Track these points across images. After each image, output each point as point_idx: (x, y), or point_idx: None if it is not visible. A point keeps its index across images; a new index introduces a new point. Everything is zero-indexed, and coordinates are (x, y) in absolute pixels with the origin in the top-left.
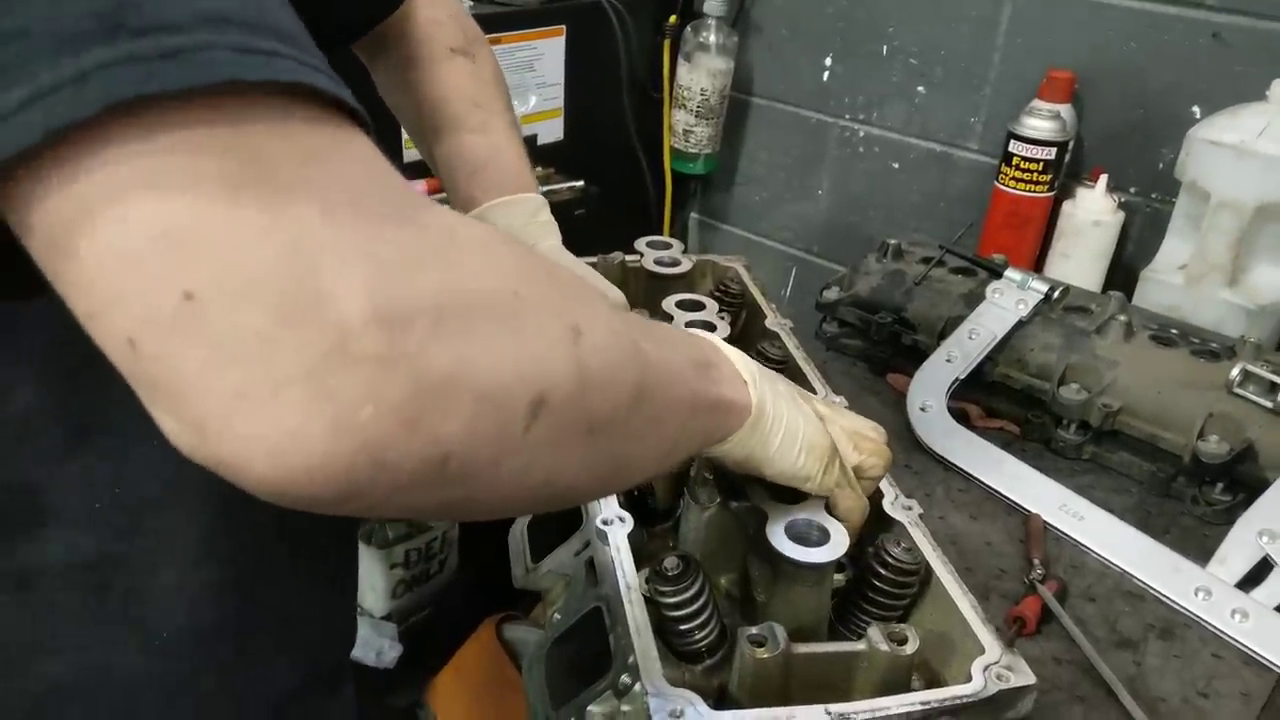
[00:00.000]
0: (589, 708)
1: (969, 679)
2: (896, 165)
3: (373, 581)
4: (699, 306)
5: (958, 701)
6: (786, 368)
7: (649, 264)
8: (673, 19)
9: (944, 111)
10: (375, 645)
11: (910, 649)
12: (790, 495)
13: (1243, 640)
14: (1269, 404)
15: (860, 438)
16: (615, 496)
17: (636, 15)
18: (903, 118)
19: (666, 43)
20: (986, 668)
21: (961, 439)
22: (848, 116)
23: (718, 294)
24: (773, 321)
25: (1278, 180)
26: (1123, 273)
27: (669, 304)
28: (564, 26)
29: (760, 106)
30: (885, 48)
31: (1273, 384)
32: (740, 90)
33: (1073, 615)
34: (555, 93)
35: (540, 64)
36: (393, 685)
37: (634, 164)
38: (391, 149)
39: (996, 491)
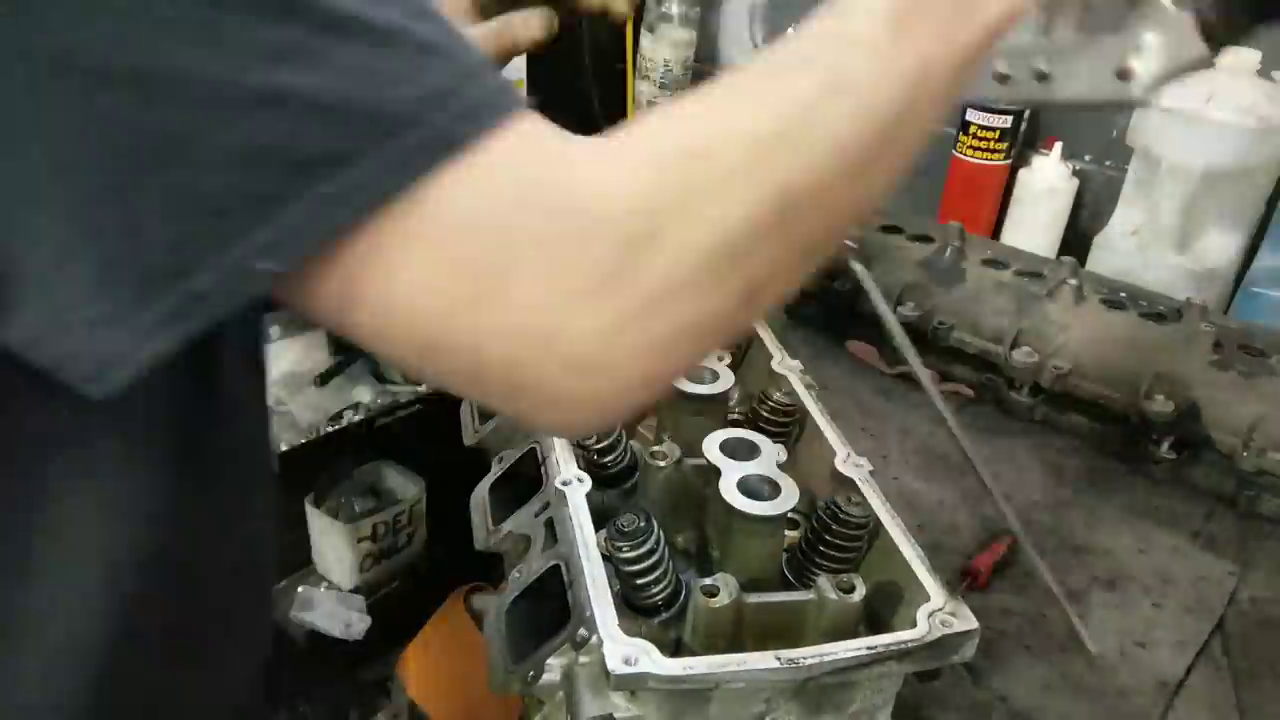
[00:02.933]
0: (547, 660)
1: (914, 625)
2: None
3: (340, 555)
4: None
5: (903, 646)
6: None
7: None
8: None
9: None
10: (344, 618)
11: (857, 597)
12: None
13: None
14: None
15: None
16: (574, 458)
17: None
18: None
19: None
20: (931, 614)
21: None
22: None
23: None
24: None
25: (1225, 146)
26: (1078, 239)
27: None
28: None
29: None
30: None
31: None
32: (704, 61)
33: (1023, 570)
34: (517, 64)
35: None
36: (362, 658)
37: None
38: None
39: None
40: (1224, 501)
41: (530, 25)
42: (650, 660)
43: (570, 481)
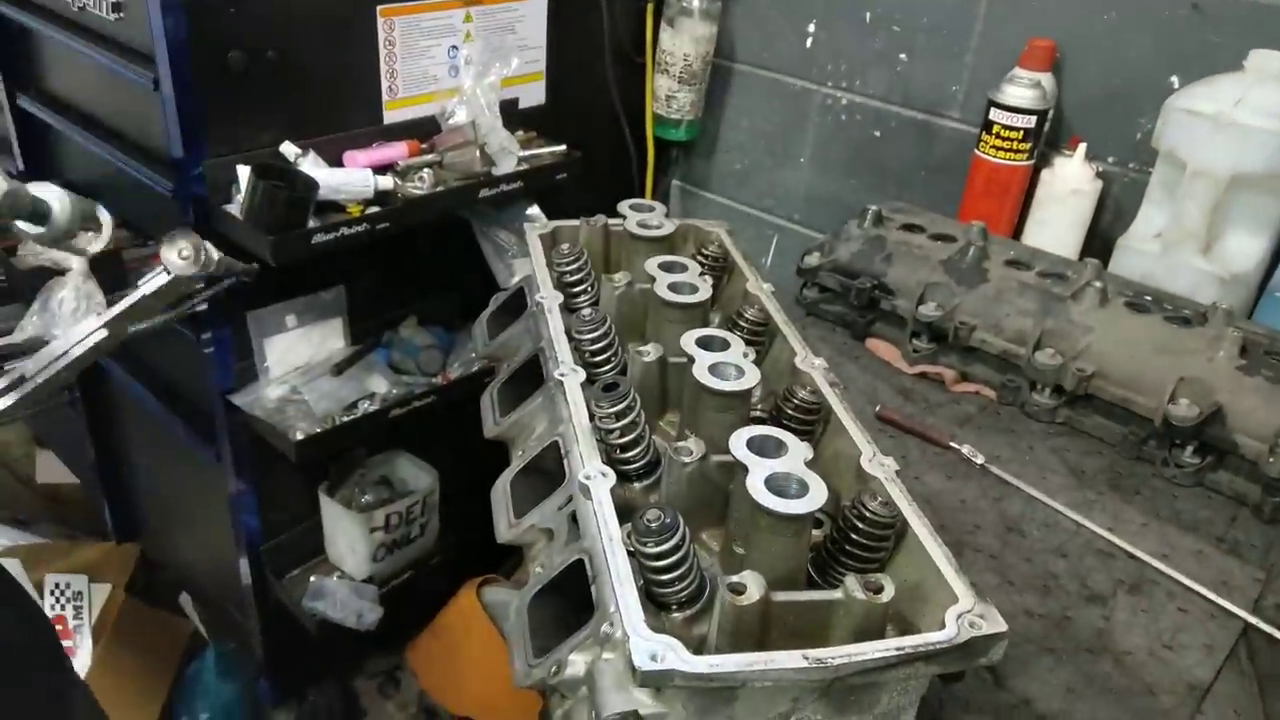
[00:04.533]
0: (570, 656)
1: (942, 627)
2: (878, 133)
3: (353, 545)
4: (681, 269)
5: (932, 648)
6: (766, 329)
7: (632, 226)
8: None
9: (926, 79)
10: (356, 608)
11: (886, 597)
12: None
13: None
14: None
15: None
16: (598, 452)
17: None
18: (885, 85)
19: (650, 7)
20: (960, 615)
21: None
22: (830, 84)
23: (699, 258)
24: (754, 285)
25: (1253, 150)
26: (1099, 241)
27: (651, 266)
28: None
29: (743, 73)
30: (868, 14)
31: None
32: (723, 56)
33: (1043, 570)
34: (537, 55)
35: (522, 26)
36: (373, 648)
37: (616, 129)
38: (372, 110)
39: None
40: (1248, 507)
41: None
42: (677, 657)
43: (594, 476)
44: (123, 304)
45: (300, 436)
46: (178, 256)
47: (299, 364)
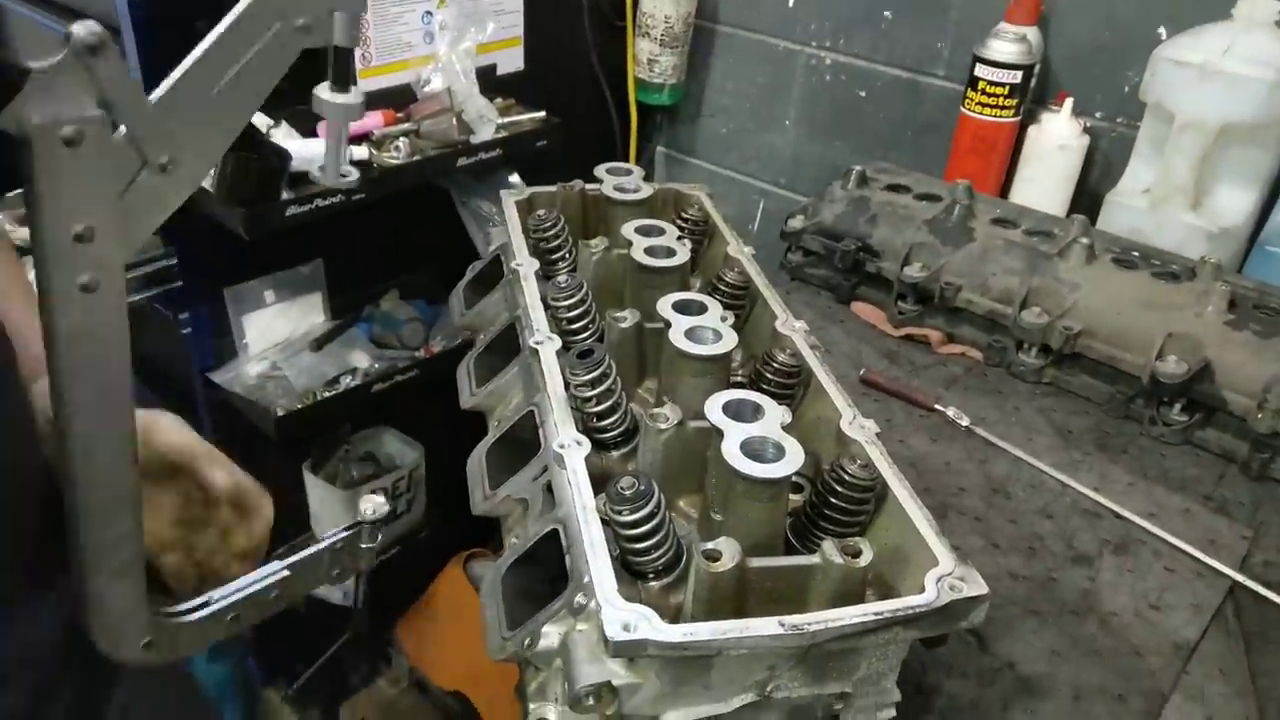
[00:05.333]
0: (544, 628)
1: (922, 590)
2: (864, 93)
3: (338, 522)
4: (659, 232)
5: (910, 612)
6: (747, 293)
7: (609, 190)
8: None
9: (911, 37)
10: (342, 585)
11: (864, 561)
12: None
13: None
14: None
15: None
16: (573, 420)
17: None
18: (870, 44)
19: None
20: (940, 579)
21: None
22: (814, 44)
23: (679, 221)
24: (734, 249)
25: (1241, 99)
26: (1088, 197)
27: (628, 229)
28: None
29: (726, 34)
30: None
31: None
32: (705, 18)
33: (1029, 531)
34: (514, 20)
35: None
36: (361, 624)
37: (597, 95)
38: None
39: None
40: (1236, 464)
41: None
42: (650, 626)
43: (568, 444)
44: (307, 552)
45: (281, 413)
46: (371, 511)
47: (278, 340)
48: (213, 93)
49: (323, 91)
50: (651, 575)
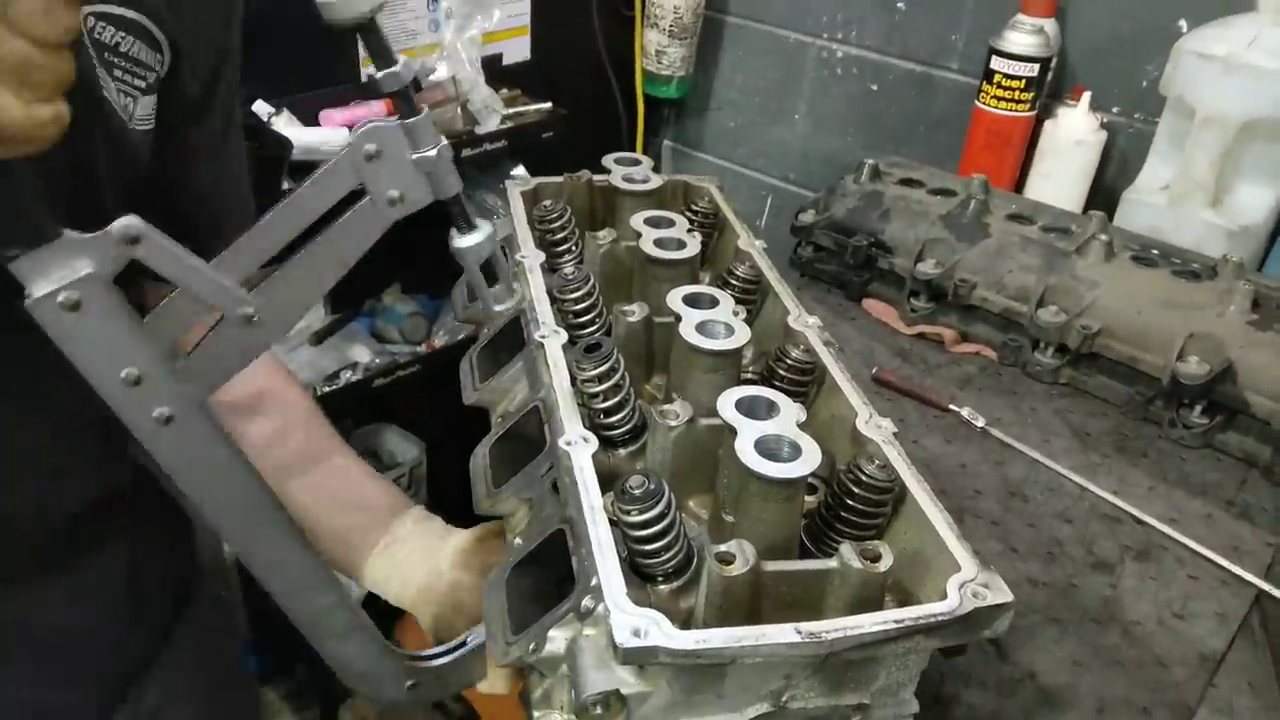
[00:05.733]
0: (550, 632)
1: (944, 597)
2: (875, 87)
3: None
4: (668, 224)
5: (933, 620)
6: (759, 287)
7: (617, 180)
8: None
9: (925, 28)
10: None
11: (884, 566)
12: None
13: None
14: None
15: None
16: (580, 416)
17: None
18: (882, 36)
19: None
20: (962, 585)
21: None
22: (825, 35)
23: (688, 214)
24: (745, 243)
25: (1266, 94)
26: (1104, 195)
27: (636, 220)
28: None
29: (736, 25)
30: None
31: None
32: (715, 9)
33: (1047, 536)
34: (521, 9)
35: None
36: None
37: (605, 86)
38: (349, 67)
39: None
40: (1259, 469)
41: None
42: (661, 632)
43: (575, 441)
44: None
45: None
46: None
47: None
48: (296, 264)
49: (454, 239)
50: (661, 578)
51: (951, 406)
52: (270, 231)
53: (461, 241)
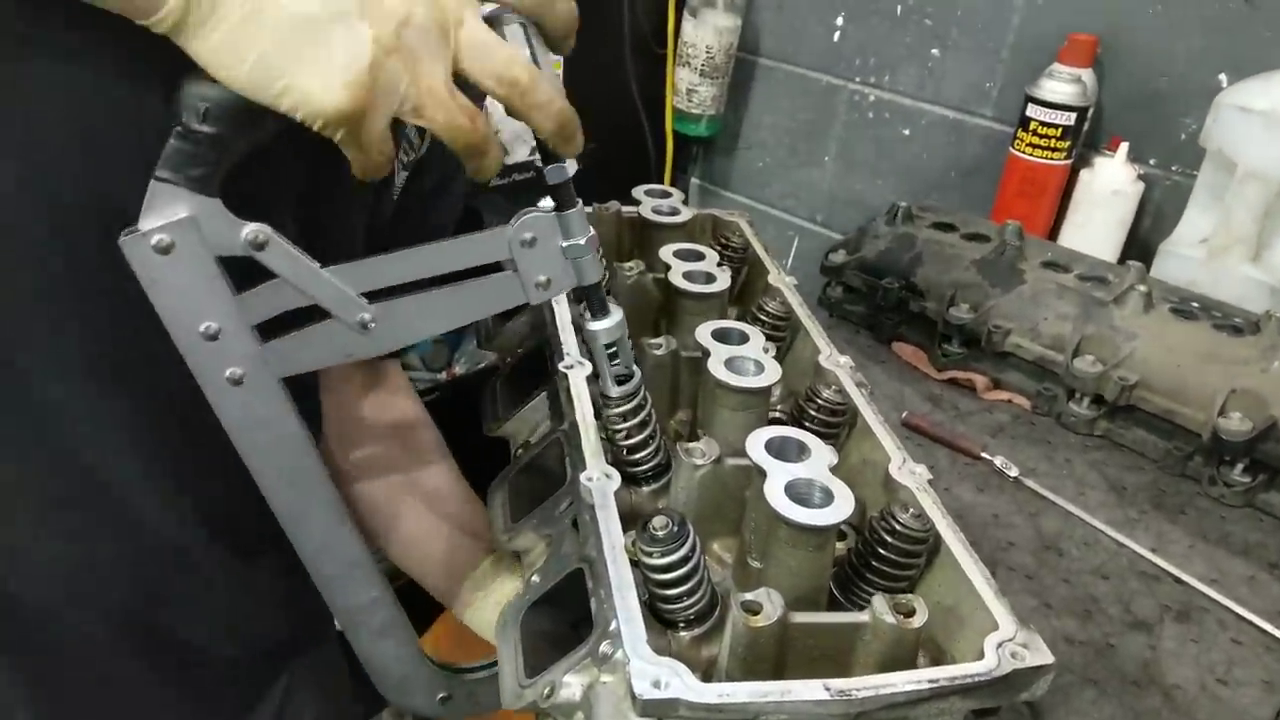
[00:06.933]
0: (565, 677)
1: (980, 656)
2: (907, 132)
3: None
4: (698, 256)
5: (969, 681)
6: (788, 324)
7: (646, 212)
8: None
9: (959, 76)
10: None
11: (918, 621)
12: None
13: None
14: None
15: None
16: (603, 452)
17: None
18: (915, 81)
19: None
20: (1000, 644)
21: None
22: (858, 79)
23: (717, 247)
24: (775, 278)
25: None
26: (1138, 246)
27: (666, 253)
28: None
29: (767, 67)
30: (899, 7)
31: None
32: (747, 50)
33: (1084, 593)
34: None
35: None
36: None
37: (635, 123)
38: None
39: None
40: None
41: None
42: (682, 684)
43: (597, 477)
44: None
45: None
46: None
47: None
48: (429, 298)
49: (587, 322)
50: (683, 624)
51: (984, 455)
52: (402, 263)
53: (594, 325)
